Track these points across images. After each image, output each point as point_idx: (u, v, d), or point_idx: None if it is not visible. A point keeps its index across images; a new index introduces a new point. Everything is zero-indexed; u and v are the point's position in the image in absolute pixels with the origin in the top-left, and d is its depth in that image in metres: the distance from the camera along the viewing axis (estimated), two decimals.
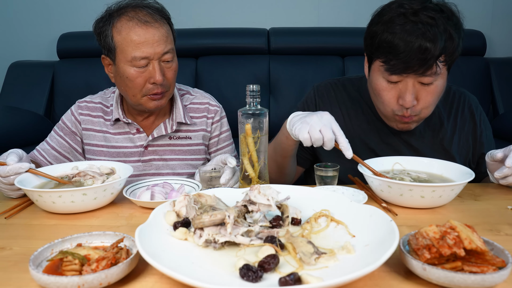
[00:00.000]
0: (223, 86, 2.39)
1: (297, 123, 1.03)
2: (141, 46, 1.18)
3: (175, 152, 1.37)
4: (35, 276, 0.61)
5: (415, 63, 1.03)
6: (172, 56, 1.24)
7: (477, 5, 2.65)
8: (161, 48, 1.20)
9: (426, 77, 1.06)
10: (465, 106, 1.30)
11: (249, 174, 1.03)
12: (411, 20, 1.03)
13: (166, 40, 1.22)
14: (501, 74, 2.50)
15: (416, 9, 1.04)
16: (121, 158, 1.34)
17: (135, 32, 1.18)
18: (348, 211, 0.81)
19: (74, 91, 2.39)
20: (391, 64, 1.06)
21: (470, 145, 1.30)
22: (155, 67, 1.20)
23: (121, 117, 1.32)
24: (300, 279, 0.58)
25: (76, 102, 1.40)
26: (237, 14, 2.72)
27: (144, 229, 0.70)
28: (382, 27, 1.07)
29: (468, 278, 0.58)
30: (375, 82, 1.13)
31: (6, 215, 0.96)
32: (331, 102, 1.32)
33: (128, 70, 1.20)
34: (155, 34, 1.19)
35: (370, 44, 1.12)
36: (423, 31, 1.01)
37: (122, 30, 1.19)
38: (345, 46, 2.49)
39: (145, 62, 1.19)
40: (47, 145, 1.37)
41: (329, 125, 0.99)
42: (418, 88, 1.08)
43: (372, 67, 1.15)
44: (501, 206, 0.98)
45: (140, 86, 1.22)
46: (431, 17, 1.03)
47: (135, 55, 1.18)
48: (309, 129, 0.99)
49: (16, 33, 2.76)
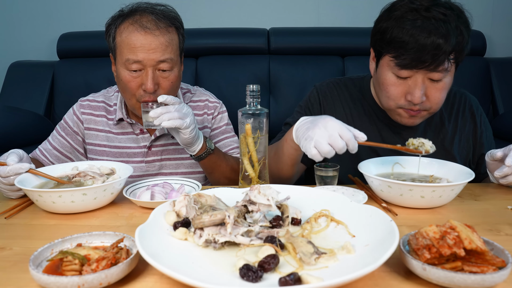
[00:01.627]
0: (223, 86, 2.39)
1: (301, 139, 0.99)
2: (136, 50, 1.17)
3: (178, 151, 1.37)
4: (35, 276, 0.61)
5: (427, 58, 1.03)
6: (170, 66, 1.21)
7: (477, 5, 2.65)
8: (156, 55, 1.17)
9: (437, 73, 1.06)
10: (465, 107, 1.30)
11: (249, 174, 1.03)
12: (423, 15, 1.03)
13: (164, 49, 1.19)
14: (501, 74, 2.50)
15: (427, 5, 1.04)
16: (124, 159, 1.34)
17: (133, 36, 1.18)
18: (348, 211, 0.81)
19: (74, 91, 2.38)
20: (402, 59, 1.06)
21: (470, 145, 1.30)
22: (147, 74, 1.18)
23: (125, 117, 1.32)
24: (300, 279, 0.58)
25: (78, 101, 1.40)
26: (237, 14, 2.72)
27: (144, 229, 0.70)
28: (393, 22, 1.07)
29: (468, 278, 0.58)
30: (383, 77, 1.13)
31: (6, 215, 0.96)
32: (334, 101, 1.31)
33: (122, 73, 1.20)
34: (152, 41, 1.17)
35: (380, 39, 1.12)
36: (436, 27, 1.02)
37: (123, 32, 1.19)
38: (345, 46, 2.49)
39: (138, 67, 1.18)
40: (48, 145, 1.37)
41: (336, 133, 0.93)
42: (428, 84, 1.09)
43: (381, 63, 1.14)
44: (501, 206, 0.98)
45: (133, 90, 1.21)
46: (443, 13, 1.03)
47: (128, 58, 1.18)
48: (314, 144, 0.93)
49: (16, 33, 2.76)
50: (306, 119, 1.03)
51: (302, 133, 0.99)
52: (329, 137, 0.92)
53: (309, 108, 1.32)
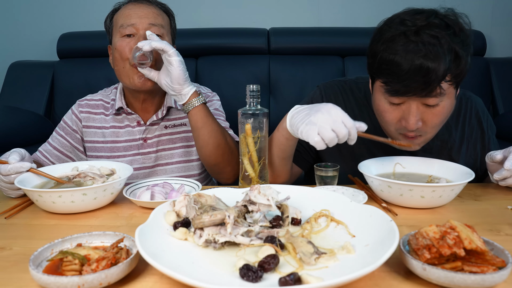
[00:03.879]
0: (223, 86, 2.39)
1: (301, 125, 0.94)
2: (129, 17, 1.25)
3: (172, 140, 1.37)
4: (35, 276, 0.61)
5: (417, 85, 0.95)
6: (161, 32, 1.25)
7: (477, 5, 2.65)
8: (148, 19, 1.24)
9: (431, 99, 0.99)
10: (472, 113, 1.25)
11: (249, 174, 1.03)
12: (412, 40, 0.95)
13: (156, 16, 1.26)
14: (501, 74, 2.50)
15: (418, 27, 0.97)
16: (121, 153, 1.35)
17: (128, 7, 1.27)
18: (348, 211, 0.81)
19: (74, 91, 2.39)
20: (391, 86, 0.99)
21: (478, 153, 1.26)
22: (140, 35, 1.23)
23: (124, 105, 1.34)
24: (300, 279, 0.58)
25: (77, 101, 1.42)
26: (237, 14, 2.72)
27: (144, 229, 0.70)
28: (382, 46, 1.00)
29: (468, 278, 0.58)
30: (377, 103, 1.08)
31: (6, 215, 0.96)
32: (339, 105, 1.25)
33: (117, 42, 1.25)
34: (144, 9, 1.26)
35: (371, 64, 1.06)
36: (425, 52, 0.94)
37: (119, 10, 1.29)
38: (345, 46, 2.49)
39: (131, 30, 1.23)
40: (49, 146, 1.38)
41: (340, 120, 0.90)
42: (423, 110, 1.01)
43: (374, 87, 1.09)
44: (501, 206, 0.98)
45: (126, 54, 1.23)
46: (434, 36, 0.94)
47: (122, 23, 1.25)
48: (318, 130, 0.89)
49: (16, 33, 2.77)
50: (303, 106, 0.98)
51: (301, 118, 0.94)
52: (333, 122, 0.89)
53: None
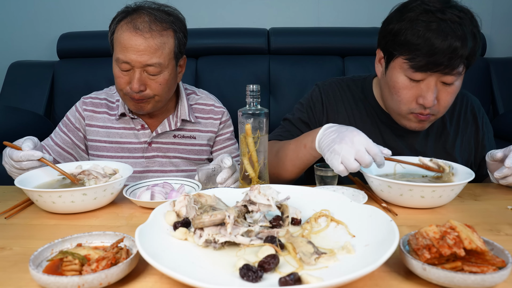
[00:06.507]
0: (223, 86, 2.40)
1: (327, 152, 0.96)
2: (126, 50, 1.20)
3: (179, 150, 1.37)
4: (35, 276, 0.61)
5: (443, 61, 1.01)
6: (157, 71, 1.22)
7: (477, 5, 2.63)
8: (144, 58, 1.19)
9: (450, 77, 1.04)
10: (467, 109, 1.29)
11: (249, 174, 1.03)
12: (439, 17, 1.01)
13: (153, 52, 1.20)
14: (501, 74, 2.50)
15: (441, 7, 1.02)
16: (124, 154, 1.35)
17: (126, 36, 1.20)
18: (348, 211, 0.81)
19: (74, 91, 2.39)
20: (417, 61, 1.03)
21: (472, 148, 1.29)
22: (134, 75, 1.21)
23: (127, 111, 1.34)
24: (300, 279, 0.58)
25: (81, 98, 1.43)
26: (237, 14, 2.72)
27: (144, 229, 0.70)
28: (407, 24, 1.04)
29: (468, 278, 0.58)
30: (395, 80, 1.11)
31: (6, 215, 0.96)
32: (337, 102, 1.29)
33: (114, 68, 1.25)
34: (141, 44, 1.19)
35: (392, 41, 1.09)
36: (453, 29, 0.99)
37: (119, 30, 1.23)
38: (345, 46, 2.49)
39: (127, 67, 1.22)
40: (51, 141, 1.39)
41: (363, 148, 0.91)
42: (439, 87, 1.07)
43: (392, 65, 1.12)
44: (501, 206, 0.98)
45: (122, 86, 1.24)
46: (458, 16, 1.01)
47: (118, 57, 1.22)
48: (342, 160, 0.92)
49: (16, 33, 2.77)
50: (330, 128, 1.01)
51: (327, 144, 0.97)
52: (356, 152, 0.91)
53: (310, 107, 1.31)
